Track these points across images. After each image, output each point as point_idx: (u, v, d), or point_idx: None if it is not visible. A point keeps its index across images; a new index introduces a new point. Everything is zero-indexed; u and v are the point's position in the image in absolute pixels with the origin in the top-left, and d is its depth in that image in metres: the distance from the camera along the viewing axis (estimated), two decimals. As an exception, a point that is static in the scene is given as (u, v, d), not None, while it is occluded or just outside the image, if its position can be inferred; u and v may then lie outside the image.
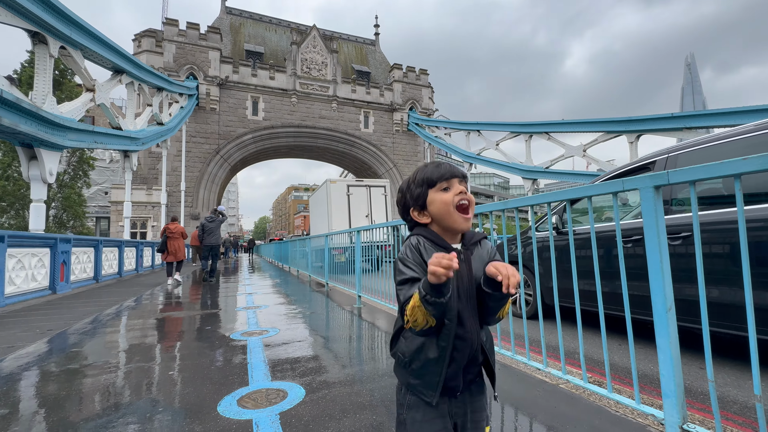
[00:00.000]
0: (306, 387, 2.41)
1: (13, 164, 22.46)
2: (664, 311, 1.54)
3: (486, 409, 1.04)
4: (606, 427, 1.83)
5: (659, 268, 1.56)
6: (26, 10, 7.96)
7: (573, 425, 1.85)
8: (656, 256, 1.56)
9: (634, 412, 1.96)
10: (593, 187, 1.85)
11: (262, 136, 29.09)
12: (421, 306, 0.84)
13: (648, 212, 1.59)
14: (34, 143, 8.61)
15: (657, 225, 1.57)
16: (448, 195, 0.98)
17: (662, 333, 1.54)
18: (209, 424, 1.92)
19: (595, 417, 1.94)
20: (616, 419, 1.91)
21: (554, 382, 2.39)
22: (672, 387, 1.52)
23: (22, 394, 2.44)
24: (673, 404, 1.52)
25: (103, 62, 11.63)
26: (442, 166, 1.03)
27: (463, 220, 0.98)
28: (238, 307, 5.67)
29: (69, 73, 23.91)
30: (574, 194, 2.00)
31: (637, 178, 1.63)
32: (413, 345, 0.95)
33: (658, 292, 1.56)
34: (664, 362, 1.53)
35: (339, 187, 13.59)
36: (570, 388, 2.31)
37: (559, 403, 2.12)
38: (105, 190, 29.73)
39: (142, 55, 25.26)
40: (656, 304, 1.57)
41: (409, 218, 1.06)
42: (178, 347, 3.53)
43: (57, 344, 3.69)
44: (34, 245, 7.09)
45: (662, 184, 1.54)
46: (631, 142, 16.15)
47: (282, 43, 33.90)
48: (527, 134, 21.11)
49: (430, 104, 35.32)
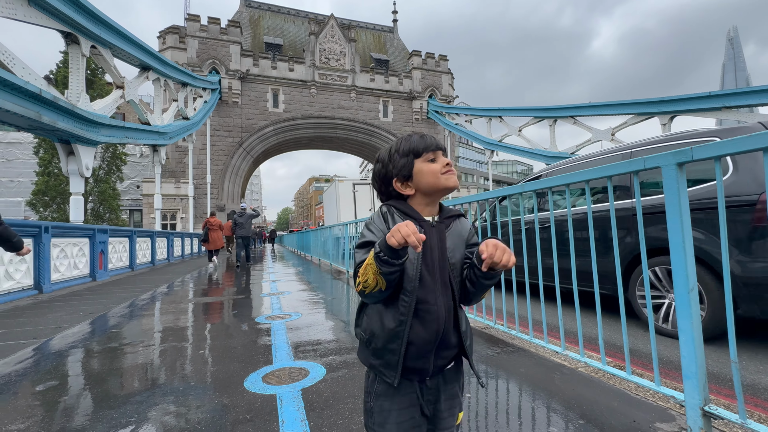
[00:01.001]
0: (326, 366, 2.51)
1: (53, 161, 23.84)
2: (686, 292, 1.50)
3: (459, 396, 0.98)
4: (625, 409, 1.82)
5: (681, 248, 1.51)
6: (60, 12, 8.35)
7: (591, 407, 1.84)
8: (678, 236, 1.52)
9: (656, 396, 1.93)
10: (613, 166, 1.81)
11: (282, 128, 29.50)
12: (373, 264, 0.81)
13: (671, 191, 1.54)
14: (71, 139, 9.11)
15: (680, 204, 1.52)
16: (436, 165, 0.97)
17: (684, 314, 1.51)
18: (237, 398, 2.04)
19: (614, 399, 1.92)
20: (636, 402, 1.89)
21: (573, 365, 2.38)
22: (693, 368, 1.49)
23: (69, 369, 2.66)
24: (694, 386, 1.49)
25: (131, 59, 12.06)
26: (426, 137, 1.01)
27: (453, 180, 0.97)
28: (263, 293, 5.88)
29: (100, 72, 24.93)
30: (594, 174, 1.95)
31: (660, 156, 1.57)
32: (373, 321, 0.92)
33: (680, 272, 1.52)
34: (686, 343, 1.50)
35: (346, 186, 15.78)
36: (589, 371, 2.29)
37: (577, 385, 2.11)
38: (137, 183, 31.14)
39: (167, 52, 25.98)
40: (678, 285, 1.53)
41: (390, 190, 1.00)
42: (207, 329, 3.72)
43: (98, 325, 3.97)
44: (74, 235, 7.57)
45: (686, 160, 1.48)
46: (663, 124, 15.34)
47: (300, 34, 33.97)
48: (551, 119, 20.42)
49: (450, 91, 34.63)
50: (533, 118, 21.68)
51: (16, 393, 2.21)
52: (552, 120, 20.37)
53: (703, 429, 1.47)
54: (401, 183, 0.99)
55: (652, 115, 15.81)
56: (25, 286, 6.00)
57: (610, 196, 1.91)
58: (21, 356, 2.91)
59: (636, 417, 1.74)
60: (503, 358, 2.60)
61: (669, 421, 1.70)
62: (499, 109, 24.64)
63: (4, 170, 28.34)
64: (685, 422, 1.57)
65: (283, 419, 1.79)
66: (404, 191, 0.98)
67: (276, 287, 6.54)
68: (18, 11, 7.69)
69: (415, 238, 0.75)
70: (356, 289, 0.88)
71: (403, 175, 0.98)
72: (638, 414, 1.77)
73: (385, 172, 1.00)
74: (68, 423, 1.82)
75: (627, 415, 1.75)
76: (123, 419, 1.83)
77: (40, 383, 2.35)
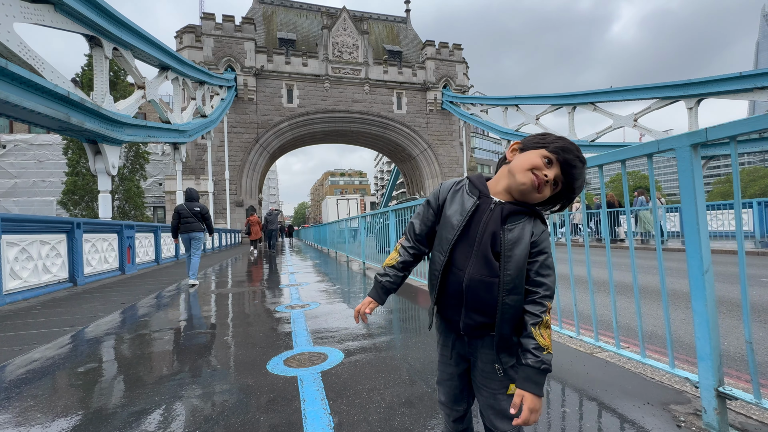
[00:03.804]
0: (344, 351, 2.60)
1: (80, 161, 24.83)
2: (701, 274, 1.49)
3: (495, 362, 1.01)
4: (640, 391, 1.83)
5: (696, 229, 1.51)
6: (84, 16, 8.67)
7: (605, 390, 1.86)
8: (692, 218, 1.51)
9: (672, 379, 1.93)
10: (626, 150, 1.80)
11: (297, 123, 29.76)
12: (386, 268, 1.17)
13: (684, 173, 1.53)
14: (98, 139, 9.49)
15: (694, 186, 1.51)
16: (539, 163, 0.97)
17: (698, 296, 1.51)
18: (260, 379, 2.16)
19: (628, 382, 1.94)
20: (651, 385, 1.90)
21: (587, 350, 2.39)
22: (707, 349, 1.49)
23: (105, 353, 2.85)
24: (708, 367, 1.49)
25: (150, 60, 12.41)
26: (568, 150, 0.99)
27: (530, 187, 0.97)
28: (282, 284, 6.05)
29: (122, 74, 25.70)
30: (607, 159, 1.94)
31: (673, 137, 1.56)
32: (431, 260, 1.11)
33: (694, 254, 1.52)
34: (700, 324, 1.50)
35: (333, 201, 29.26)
36: (604, 356, 2.30)
37: (591, 369, 2.13)
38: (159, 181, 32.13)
39: (184, 51, 26.50)
40: (692, 267, 1.53)
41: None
42: (230, 317, 3.89)
43: (129, 315, 4.20)
44: (104, 231, 7.94)
45: (700, 141, 1.47)
46: (690, 108, 14.69)
47: (313, 28, 34.00)
48: (570, 106, 19.85)
49: (465, 80, 34.06)
50: (551, 105, 21.13)
51: (60, 373, 2.40)
52: (571, 107, 19.81)
53: (718, 409, 1.47)
54: (513, 149, 1.06)
55: (677, 98, 15.15)
56: (61, 279, 6.36)
57: (624, 181, 1.90)
58: (62, 342, 3.13)
59: (651, 399, 1.75)
60: (518, 343, 2.63)
61: (684, 403, 1.71)
62: (515, 98, 24.12)
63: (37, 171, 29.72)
64: (700, 404, 1.58)
65: (304, 398, 1.88)
66: (508, 155, 1.07)
67: (294, 278, 6.71)
68: (45, 17, 8.03)
69: (357, 313, 1.15)
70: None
71: (520, 148, 1.05)
72: (653, 396, 1.78)
73: (522, 146, 1.06)
74: (107, 401, 1.97)
75: (642, 398, 1.77)
76: (157, 397, 1.97)
77: (81, 365, 2.53)
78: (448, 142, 33.06)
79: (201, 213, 6.63)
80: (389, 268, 1.15)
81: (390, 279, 1.14)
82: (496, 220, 0.98)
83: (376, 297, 1.15)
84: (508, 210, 0.99)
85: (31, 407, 1.90)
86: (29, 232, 5.70)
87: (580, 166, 0.99)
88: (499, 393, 1.02)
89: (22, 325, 3.79)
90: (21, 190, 29.30)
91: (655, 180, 4.52)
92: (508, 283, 0.95)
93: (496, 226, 0.98)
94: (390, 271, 1.15)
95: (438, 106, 32.71)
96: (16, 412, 1.85)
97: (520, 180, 0.98)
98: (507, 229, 0.97)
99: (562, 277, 4.97)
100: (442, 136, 32.96)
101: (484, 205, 1.01)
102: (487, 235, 0.98)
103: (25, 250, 5.56)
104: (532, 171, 0.97)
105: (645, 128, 17.21)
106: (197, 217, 6.56)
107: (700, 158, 1.51)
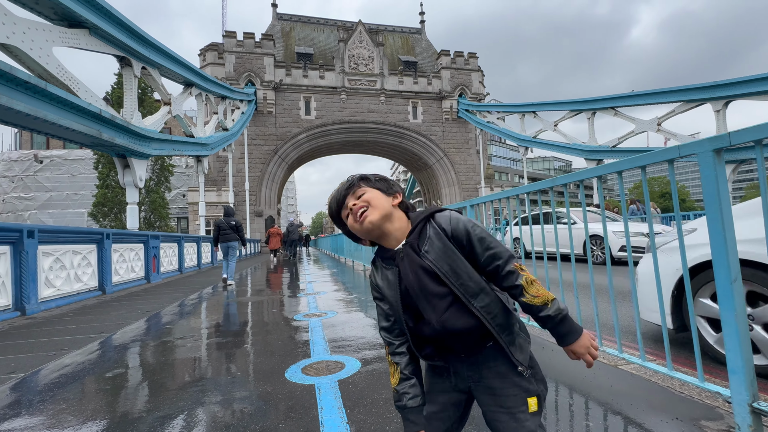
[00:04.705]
0: (361, 360, 2.60)
1: (110, 174, 26.04)
2: (729, 283, 1.44)
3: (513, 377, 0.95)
4: (667, 406, 1.76)
5: (722, 237, 1.46)
6: (116, 39, 9.23)
7: (630, 403, 1.80)
8: (718, 225, 1.46)
9: (702, 393, 1.85)
10: (647, 156, 1.76)
11: (315, 135, 30.34)
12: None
13: (708, 179, 1.49)
14: (127, 153, 9.97)
15: (718, 192, 1.46)
16: (350, 220, 1.02)
17: (727, 306, 1.45)
18: (278, 387, 2.19)
19: (654, 396, 1.86)
20: (680, 399, 1.82)
21: (611, 362, 2.31)
22: (739, 363, 1.43)
23: (131, 360, 2.95)
24: (740, 381, 1.43)
25: (176, 77, 13.00)
26: (330, 200, 1.08)
27: (360, 228, 1.00)
28: (300, 293, 6.12)
29: (149, 91, 26.96)
30: (627, 165, 1.91)
31: (695, 142, 1.52)
32: None
33: (721, 263, 1.46)
34: (730, 336, 1.44)
35: None
36: (629, 368, 2.22)
37: (615, 381, 2.05)
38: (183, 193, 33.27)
39: (207, 68, 27.61)
40: (719, 276, 1.47)
41: None
42: (249, 326, 3.96)
43: (153, 322, 4.34)
44: (131, 241, 8.27)
45: (723, 146, 1.43)
46: (717, 111, 14.17)
47: (330, 42, 34.83)
48: (590, 111, 19.48)
49: (481, 88, 34.00)
50: (570, 111, 20.79)
51: (89, 378, 2.50)
52: (590, 112, 19.43)
53: (753, 426, 1.40)
54: (357, 241, 1.09)
55: (703, 101, 14.66)
56: (91, 287, 6.64)
57: (645, 188, 1.86)
58: (91, 348, 3.27)
59: (680, 414, 1.68)
60: (536, 354, 2.56)
61: (716, 419, 1.63)
62: (532, 104, 23.88)
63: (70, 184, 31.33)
64: (733, 420, 1.50)
65: (322, 406, 1.90)
66: (365, 244, 1.09)
67: (312, 287, 6.77)
68: (81, 41, 8.57)
69: None
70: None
71: (350, 236, 1.08)
72: (682, 412, 1.71)
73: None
74: (133, 405, 2.04)
75: (670, 413, 1.70)
76: (181, 402, 2.03)
77: (109, 371, 2.63)
78: (464, 150, 32.92)
79: (236, 226, 7.89)
80: (400, 386, 1.00)
81: (410, 394, 0.98)
82: (412, 261, 0.95)
83: (413, 428, 0.97)
84: (412, 241, 0.96)
85: (63, 410, 1.99)
86: (63, 243, 6.01)
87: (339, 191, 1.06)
88: (519, 412, 0.92)
89: (55, 332, 3.97)
90: (55, 202, 30.91)
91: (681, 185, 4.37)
92: (465, 292, 0.91)
93: (417, 264, 0.94)
94: (402, 387, 0.99)
95: (454, 115, 32.72)
96: (50, 415, 1.94)
97: (357, 230, 1.02)
98: (425, 253, 0.93)
99: (583, 285, 4.84)
100: (458, 144, 32.87)
101: (399, 261, 0.98)
102: (420, 279, 0.94)
103: (59, 259, 5.85)
104: (348, 219, 1.02)
105: (669, 132, 16.68)
106: (233, 229, 7.81)
107: (724, 163, 1.47)
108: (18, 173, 30.52)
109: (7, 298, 4.81)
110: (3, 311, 4.70)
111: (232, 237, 7.79)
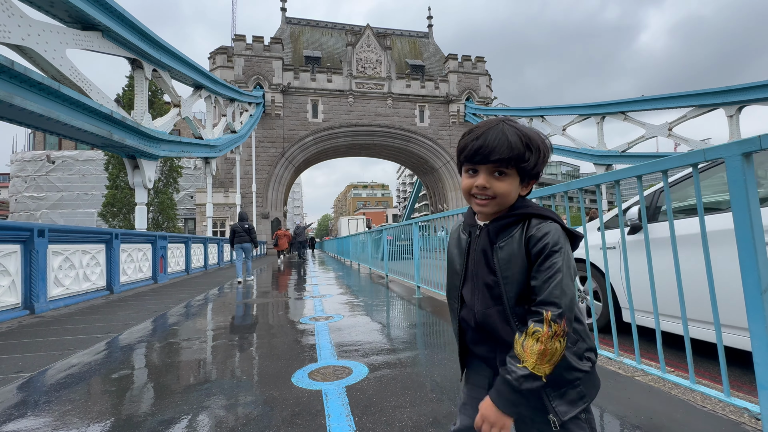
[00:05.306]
0: (369, 366, 2.55)
1: (119, 175, 26.39)
2: (759, 293, 1.37)
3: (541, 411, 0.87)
4: (690, 421, 1.68)
5: (751, 245, 1.39)
6: (128, 41, 9.36)
7: (650, 418, 1.72)
8: (747, 233, 1.40)
9: (726, 408, 1.77)
10: (669, 160, 1.70)
11: (322, 137, 30.48)
12: None
13: (736, 183, 1.43)
14: (137, 154, 10.06)
15: (748, 198, 1.40)
16: (470, 182, 0.89)
17: (756, 317, 1.38)
18: (285, 392, 2.15)
19: (676, 410, 1.78)
20: (703, 414, 1.74)
21: (628, 373, 2.23)
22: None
23: (137, 360, 2.94)
24: (771, 397, 1.35)
25: (186, 80, 13.14)
26: (477, 138, 0.86)
27: (477, 206, 0.90)
28: (306, 296, 6.09)
29: (159, 93, 27.33)
30: (646, 170, 1.85)
31: (722, 145, 1.46)
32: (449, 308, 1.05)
33: (751, 272, 1.39)
34: (759, 348, 1.37)
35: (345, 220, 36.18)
36: (647, 380, 2.14)
37: (633, 394, 1.98)
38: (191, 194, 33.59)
39: (217, 71, 27.94)
40: (748, 285, 1.40)
41: None
42: (255, 328, 3.93)
43: (160, 323, 4.33)
44: (139, 241, 8.32)
45: (753, 150, 1.37)
46: (730, 116, 13.95)
47: (338, 46, 35.06)
48: (599, 116, 19.30)
49: (488, 92, 33.95)
50: (578, 116, 20.64)
51: (95, 379, 2.48)
52: (599, 117, 19.26)
53: (784, 446, 1.33)
54: None
55: (715, 106, 14.44)
56: (99, 287, 6.68)
57: (666, 192, 1.79)
58: (98, 348, 3.26)
59: (702, 430, 1.60)
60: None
61: (743, 437, 1.55)
62: (540, 109, 23.75)
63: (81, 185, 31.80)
64: (761, 438, 1.43)
65: (329, 413, 1.85)
66: None
67: (318, 290, 6.74)
68: (94, 43, 8.69)
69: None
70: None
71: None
72: (706, 427, 1.63)
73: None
74: (138, 408, 2.01)
75: (692, 428, 1.62)
76: (185, 406, 1.99)
77: (114, 372, 2.61)
78: (471, 154, 32.78)
79: (248, 229, 8.82)
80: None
81: None
82: (484, 244, 0.90)
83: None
84: (494, 228, 0.89)
85: (69, 411, 1.97)
86: (72, 242, 6.05)
87: (486, 138, 0.84)
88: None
89: (63, 331, 3.98)
90: (66, 202, 31.37)
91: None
92: (513, 311, 0.85)
93: (486, 250, 0.90)
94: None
95: (461, 118, 32.67)
96: (56, 416, 1.92)
97: (475, 207, 0.93)
98: (498, 248, 0.87)
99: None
100: (465, 148, 32.74)
101: (474, 236, 0.94)
102: (480, 264, 0.91)
103: (68, 259, 5.89)
104: (471, 195, 0.90)
105: (680, 137, 16.45)
106: (246, 232, 8.74)
107: (753, 167, 1.41)
108: (31, 173, 31.07)
109: (17, 297, 4.84)
110: (12, 309, 4.73)
111: (245, 239, 8.69)
